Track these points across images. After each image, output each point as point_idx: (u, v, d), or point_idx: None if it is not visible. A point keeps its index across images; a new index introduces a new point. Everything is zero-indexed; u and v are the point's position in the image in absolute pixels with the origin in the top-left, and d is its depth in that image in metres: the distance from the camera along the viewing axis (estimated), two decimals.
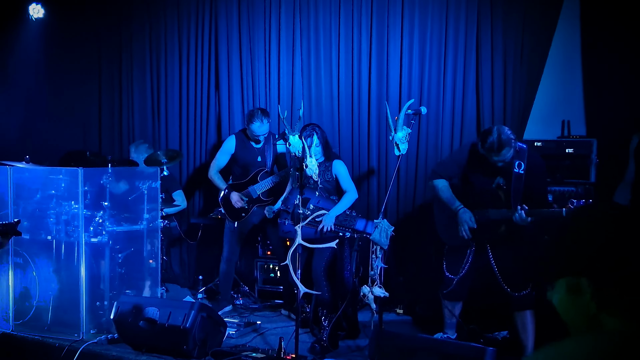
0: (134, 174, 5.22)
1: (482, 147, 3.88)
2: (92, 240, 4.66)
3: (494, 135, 3.80)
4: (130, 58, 6.59)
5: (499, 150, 3.79)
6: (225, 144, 5.37)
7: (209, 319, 4.11)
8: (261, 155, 5.27)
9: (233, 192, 5.18)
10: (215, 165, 5.36)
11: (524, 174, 3.91)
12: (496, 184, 4.01)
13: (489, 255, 4.05)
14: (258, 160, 5.27)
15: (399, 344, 3.54)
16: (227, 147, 5.33)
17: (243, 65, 6.05)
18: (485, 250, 4.07)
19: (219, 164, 5.35)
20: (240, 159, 5.29)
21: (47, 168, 5.05)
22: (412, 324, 5.01)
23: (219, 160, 5.36)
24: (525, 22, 5.01)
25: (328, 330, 4.32)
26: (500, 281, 4.00)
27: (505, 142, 3.78)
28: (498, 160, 3.86)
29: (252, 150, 5.27)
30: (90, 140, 6.80)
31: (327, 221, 4.29)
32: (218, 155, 5.40)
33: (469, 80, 5.20)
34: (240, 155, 5.29)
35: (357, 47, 5.57)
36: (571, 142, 4.73)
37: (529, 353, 3.95)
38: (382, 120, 5.48)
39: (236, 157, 5.31)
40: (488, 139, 3.81)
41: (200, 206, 6.31)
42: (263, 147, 5.28)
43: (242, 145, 5.29)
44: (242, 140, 5.30)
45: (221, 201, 5.27)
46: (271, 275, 5.67)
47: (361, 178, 5.51)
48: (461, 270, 4.13)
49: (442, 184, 4.16)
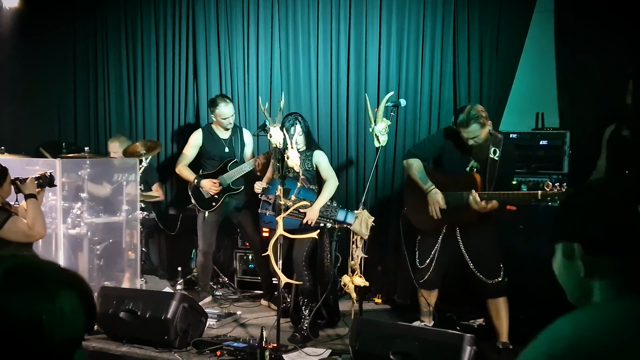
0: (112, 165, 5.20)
1: (454, 123, 4.01)
2: (70, 232, 4.64)
3: (465, 110, 3.94)
4: (105, 47, 6.52)
5: (467, 124, 3.91)
6: (192, 138, 5.38)
7: (190, 309, 4.12)
8: (228, 146, 5.30)
9: (204, 180, 5.19)
10: (183, 159, 5.36)
11: (498, 161, 4.00)
12: (470, 167, 4.09)
13: (459, 243, 4.11)
14: (226, 152, 5.29)
15: (379, 331, 3.60)
16: (195, 141, 5.35)
17: (221, 56, 6.03)
18: (455, 237, 4.12)
19: (187, 158, 5.36)
20: (208, 152, 5.31)
21: (23, 159, 4.99)
22: (391, 312, 5.10)
23: (187, 153, 5.37)
24: (501, 16, 5.10)
25: (309, 320, 4.38)
26: (473, 268, 4.07)
27: (473, 117, 3.89)
28: (468, 137, 3.95)
29: (220, 142, 5.30)
30: (65, 131, 6.73)
31: (311, 215, 4.34)
32: (185, 149, 5.41)
33: (446, 73, 5.27)
34: (207, 148, 5.31)
35: (336, 38, 5.60)
36: (545, 134, 4.84)
37: (503, 339, 4.05)
38: (360, 112, 5.53)
39: (204, 150, 5.32)
40: (460, 115, 3.96)
41: (179, 197, 6.29)
42: (230, 139, 5.31)
43: (209, 138, 5.31)
44: (209, 132, 5.32)
45: (190, 191, 5.28)
46: (250, 266, 5.69)
47: (340, 169, 5.56)
48: (431, 255, 4.18)
49: (417, 164, 4.21)
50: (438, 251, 4.18)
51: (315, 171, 4.64)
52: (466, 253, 4.09)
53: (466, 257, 4.09)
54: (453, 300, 4.70)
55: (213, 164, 5.30)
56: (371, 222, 4.16)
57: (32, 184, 3.65)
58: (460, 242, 4.11)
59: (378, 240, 5.33)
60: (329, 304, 4.63)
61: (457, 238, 4.11)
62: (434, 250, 4.18)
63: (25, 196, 3.68)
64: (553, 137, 4.80)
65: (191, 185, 5.26)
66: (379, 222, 4.56)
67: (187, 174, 5.29)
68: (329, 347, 4.13)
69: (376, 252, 5.36)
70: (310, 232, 4.22)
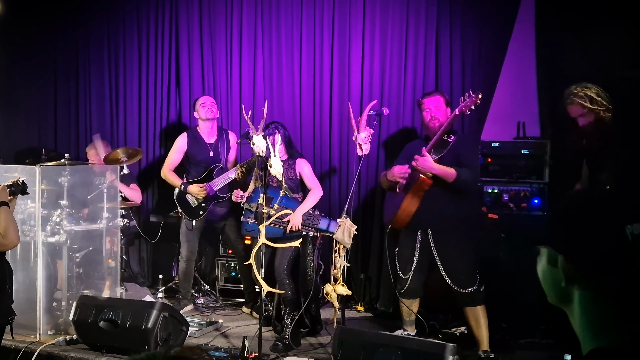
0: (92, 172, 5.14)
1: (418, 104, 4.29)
2: (49, 240, 4.57)
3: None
4: (87, 53, 6.46)
5: (431, 92, 4.25)
6: (177, 142, 5.35)
7: (171, 318, 4.08)
8: (214, 150, 5.27)
9: (190, 186, 5.14)
10: (168, 164, 5.31)
11: (452, 142, 4.08)
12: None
13: (434, 252, 4.12)
14: (211, 156, 5.25)
15: (361, 340, 3.59)
16: (180, 145, 5.31)
17: (204, 64, 6.01)
18: (430, 247, 4.14)
19: (172, 162, 5.32)
20: (193, 156, 5.27)
21: (1, 166, 4.92)
22: (373, 321, 5.10)
23: (172, 158, 5.33)
24: (482, 27, 5.16)
25: (291, 328, 4.36)
26: (445, 278, 4.09)
27: (438, 91, 4.26)
28: (426, 102, 4.15)
29: (205, 146, 5.26)
30: (45, 138, 6.64)
31: (295, 220, 4.33)
32: (170, 153, 5.37)
33: (429, 82, 5.30)
34: (192, 152, 5.27)
35: (319, 47, 5.61)
36: (526, 143, 4.89)
37: (484, 348, 4.06)
38: (343, 120, 5.54)
39: (189, 154, 5.28)
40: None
41: (160, 204, 6.24)
42: (216, 143, 5.28)
43: (194, 142, 5.27)
44: (193, 137, 5.29)
45: (177, 199, 5.23)
46: (232, 273, 5.66)
47: (323, 177, 5.56)
48: (412, 265, 4.19)
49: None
50: (417, 260, 4.19)
51: (298, 179, 4.63)
52: (440, 262, 4.11)
53: (439, 266, 4.11)
54: (435, 308, 4.71)
55: (198, 170, 5.25)
56: (354, 231, 4.16)
57: (3, 191, 3.57)
58: (434, 251, 4.12)
59: (360, 249, 5.34)
60: (311, 313, 4.61)
61: (432, 247, 4.13)
62: (414, 258, 4.19)
63: None
64: (534, 147, 4.84)
65: (177, 192, 5.21)
66: (361, 230, 4.57)
67: (173, 179, 5.24)
68: (311, 356, 4.12)
69: (358, 261, 5.37)
70: (293, 240, 4.20)
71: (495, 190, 4.75)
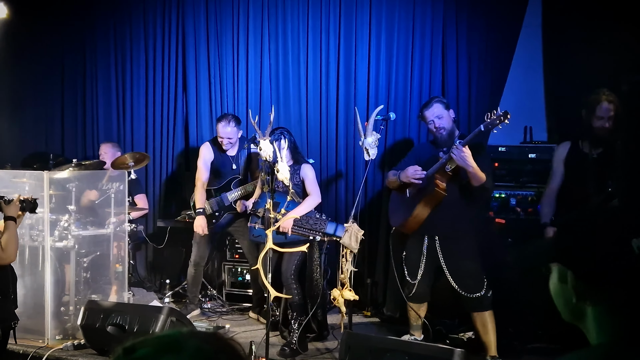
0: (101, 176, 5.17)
1: (420, 115, 4.27)
2: (57, 245, 4.59)
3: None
4: (94, 58, 6.49)
5: (428, 102, 4.19)
6: (203, 153, 5.24)
7: (178, 322, 4.09)
8: (235, 163, 5.26)
9: (200, 216, 5.07)
10: (201, 177, 5.18)
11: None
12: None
13: (440, 257, 4.11)
14: (233, 169, 5.25)
15: (369, 345, 3.59)
16: (207, 156, 5.22)
17: (211, 68, 6.03)
18: (437, 252, 4.13)
19: (205, 175, 5.19)
20: (216, 167, 5.24)
21: (10, 171, 4.95)
22: (380, 326, 5.08)
23: (203, 171, 5.19)
24: (489, 31, 5.15)
25: (298, 333, 4.35)
26: (453, 284, 4.08)
27: (434, 99, 4.21)
28: (428, 115, 4.12)
29: (227, 159, 5.24)
30: (53, 143, 6.67)
31: (285, 223, 4.31)
32: (201, 165, 5.20)
33: (435, 86, 5.30)
34: (216, 164, 5.24)
35: (325, 51, 5.62)
36: (533, 148, 4.89)
37: (492, 354, 4.04)
38: (349, 125, 5.54)
39: (213, 165, 5.26)
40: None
41: (167, 209, 6.26)
42: (237, 155, 5.26)
43: (217, 154, 5.25)
44: (216, 148, 5.27)
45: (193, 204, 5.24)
46: (239, 278, 5.66)
47: (329, 182, 5.56)
48: (419, 269, 4.19)
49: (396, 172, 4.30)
50: (424, 265, 4.18)
51: (302, 185, 4.63)
52: (446, 268, 4.10)
53: (446, 271, 4.10)
54: (442, 312, 4.69)
55: (218, 179, 5.23)
56: (361, 236, 4.15)
57: (15, 207, 3.60)
58: (440, 257, 4.12)
59: (367, 254, 5.33)
60: (318, 318, 4.60)
61: (438, 253, 4.12)
62: (422, 263, 4.19)
63: (6, 217, 3.60)
64: (541, 151, 4.83)
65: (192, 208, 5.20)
66: (368, 235, 4.56)
67: (199, 197, 5.12)
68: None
69: (365, 265, 5.36)
70: (300, 245, 4.20)
71: (503, 195, 4.74)
